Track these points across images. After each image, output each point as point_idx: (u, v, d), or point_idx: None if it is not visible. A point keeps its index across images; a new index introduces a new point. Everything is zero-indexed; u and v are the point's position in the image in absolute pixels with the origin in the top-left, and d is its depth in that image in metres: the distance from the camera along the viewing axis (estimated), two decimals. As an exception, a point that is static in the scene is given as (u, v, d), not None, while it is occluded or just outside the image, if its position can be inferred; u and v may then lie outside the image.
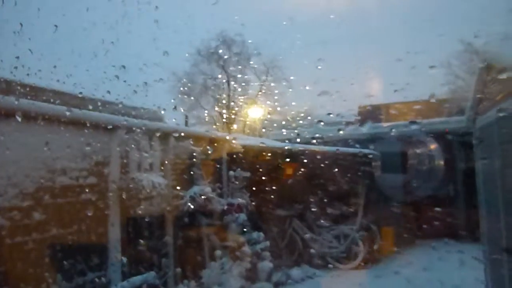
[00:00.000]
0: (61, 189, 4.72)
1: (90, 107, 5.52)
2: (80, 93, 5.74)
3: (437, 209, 9.72)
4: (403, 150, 11.11)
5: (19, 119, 4.21)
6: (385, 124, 11.98)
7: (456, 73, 17.01)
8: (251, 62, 17.83)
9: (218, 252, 6.20)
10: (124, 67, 5.56)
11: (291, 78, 17.55)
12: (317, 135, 10.68)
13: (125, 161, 5.63)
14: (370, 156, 10.50)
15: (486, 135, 4.43)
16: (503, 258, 4.17)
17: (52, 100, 5.07)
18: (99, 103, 6.04)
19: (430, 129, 10.81)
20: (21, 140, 4.33)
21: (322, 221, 8.98)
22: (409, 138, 10.92)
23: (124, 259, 5.19)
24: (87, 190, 5.05)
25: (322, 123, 10.26)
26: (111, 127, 5.43)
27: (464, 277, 5.80)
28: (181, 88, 17.67)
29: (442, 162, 10.70)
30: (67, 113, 4.77)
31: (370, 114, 13.60)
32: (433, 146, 10.94)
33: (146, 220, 5.75)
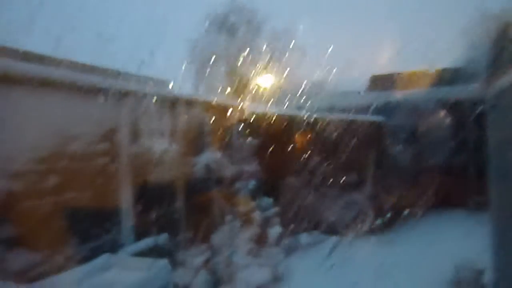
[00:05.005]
0: (73, 155, 4.80)
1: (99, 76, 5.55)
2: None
3: (448, 178, 9.71)
4: (415, 119, 10.98)
5: (32, 87, 4.26)
6: (397, 93, 11.80)
7: (472, 41, 16.54)
8: (263, 30, 17.54)
9: (228, 217, 6.31)
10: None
11: (304, 46, 17.28)
12: (329, 103, 10.60)
13: (135, 128, 5.69)
14: (382, 124, 10.42)
15: (501, 100, 4.34)
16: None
17: (60, 68, 5.11)
18: (108, 72, 6.06)
19: (442, 97, 10.64)
20: (33, 107, 4.38)
21: (332, 188, 9.02)
22: (421, 107, 10.79)
23: (137, 223, 5.32)
24: (99, 156, 5.14)
25: (335, 92, 10.15)
26: (120, 94, 5.45)
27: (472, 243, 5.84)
28: (191, 57, 17.51)
29: (453, 131, 10.57)
30: (78, 80, 4.82)
31: (383, 82, 13.39)
32: (444, 114, 10.80)
33: (157, 186, 5.84)
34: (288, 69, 16.35)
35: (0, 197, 3.96)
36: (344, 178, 9.10)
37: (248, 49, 17.55)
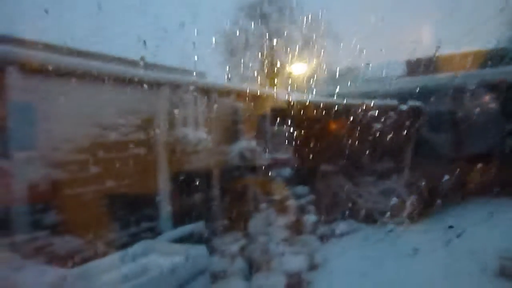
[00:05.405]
0: (113, 144, 4.94)
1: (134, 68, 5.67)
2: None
3: (491, 165, 9.31)
4: (454, 103, 10.55)
5: (72, 78, 4.40)
6: (435, 77, 11.36)
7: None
8: (294, 17, 17.33)
9: (263, 205, 6.33)
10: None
11: (338, 31, 16.95)
12: (365, 89, 10.36)
13: (171, 117, 5.78)
14: (418, 110, 10.10)
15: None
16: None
17: (99, 62, 5.25)
18: (141, 64, 6.18)
19: (483, 80, 10.15)
20: (73, 98, 4.53)
21: (367, 176, 8.87)
22: (461, 91, 10.36)
23: (174, 210, 5.43)
24: (139, 145, 5.27)
25: (368, 77, 9.91)
26: (156, 85, 5.55)
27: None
28: (223, 46, 17.55)
29: (496, 115, 10.09)
30: (117, 73, 4.96)
31: (421, 67, 12.93)
32: (486, 98, 10.30)
33: (194, 174, 5.94)
34: (322, 55, 16.11)
35: (46, 185, 4.14)
36: (380, 165, 8.92)
37: (281, 36, 17.40)
